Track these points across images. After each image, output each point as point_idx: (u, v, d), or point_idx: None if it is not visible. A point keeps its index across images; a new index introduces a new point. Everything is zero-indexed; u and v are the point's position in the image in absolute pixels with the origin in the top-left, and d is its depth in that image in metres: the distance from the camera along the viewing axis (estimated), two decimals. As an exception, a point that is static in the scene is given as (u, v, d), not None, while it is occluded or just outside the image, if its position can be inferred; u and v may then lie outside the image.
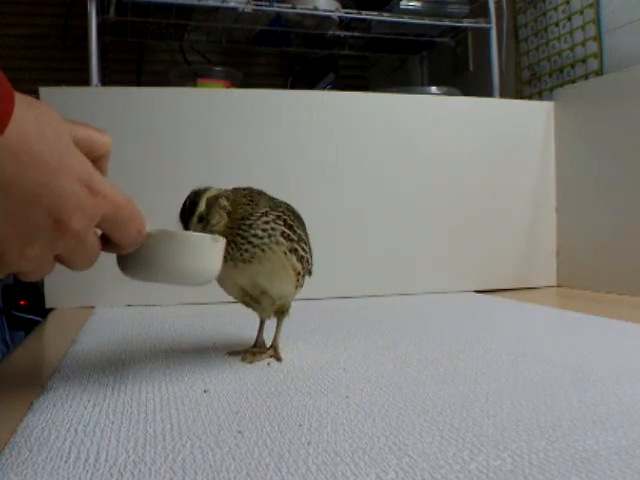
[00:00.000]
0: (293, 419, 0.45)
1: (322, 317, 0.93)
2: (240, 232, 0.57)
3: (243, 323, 0.67)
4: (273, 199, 0.62)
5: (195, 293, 1.10)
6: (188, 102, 1.10)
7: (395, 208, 1.19)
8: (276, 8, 1.35)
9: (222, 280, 0.60)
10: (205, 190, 0.57)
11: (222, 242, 0.53)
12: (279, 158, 1.13)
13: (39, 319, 1.16)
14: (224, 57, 1.87)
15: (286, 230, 0.59)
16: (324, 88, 1.64)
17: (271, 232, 0.57)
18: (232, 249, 0.56)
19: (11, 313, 1.41)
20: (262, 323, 0.68)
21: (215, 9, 1.36)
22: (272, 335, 0.66)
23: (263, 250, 0.57)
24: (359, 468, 0.36)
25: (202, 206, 0.55)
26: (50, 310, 1.02)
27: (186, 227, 0.55)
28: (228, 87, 1.39)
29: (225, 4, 1.29)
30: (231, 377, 0.57)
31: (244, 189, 0.61)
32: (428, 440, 0.40)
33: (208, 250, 0.52)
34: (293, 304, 0.66)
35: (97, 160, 0.44)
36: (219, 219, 0.56)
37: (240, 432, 0.42)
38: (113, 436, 0.41)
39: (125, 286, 1.09)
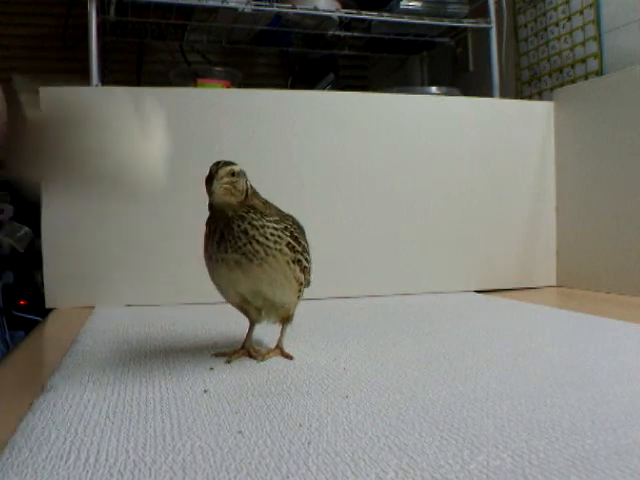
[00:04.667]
0: (293, 419, 0.45)
1: (322, 317, 0.93)
2: (248, 224, 0.57)
3: (243, 323, 0.67)
4: (280, 211, 0.63)
5: (195, 293, 1.10)
6: (188, 102, 1.10)
7: (395, 208, 1.19)
8: (276, 8, 1.35)
9: (224, 286, 0.61)
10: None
11: None
12: (278, 158, 1.13)
13: (39, 319, 1.16)
14: (224, 57, 1.87)
15: (292, 241, 0.60)
16: (324, 88, 1.63)
17: (277, 240, 0.58)
18: (234, 239, 0.57)
19: (11, 313, 1.41)
20: (252, 326, 0.67)
21: (215, 9, 1.36)
22: (277, 337, 0.66)
23: (267, 254, 0.57)
24: (359, 468, 0.36)
25: (237, 168, 0.58)
26: (50, 310, 1.02)
27: (216, 172, 0.58)
28: (228, 87, 1.39)
29: (225, 4, 1.29)
30: (231, 377, 0.57)
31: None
32: (428, 440, 0.40)
33: None
34: (293, 304, 0.66)
35: None
36: (242, 188, 0.58)
37: (240, 432, 0.42)
38: (113, 436, 0.41)
39: (125, 286, 1.09)
